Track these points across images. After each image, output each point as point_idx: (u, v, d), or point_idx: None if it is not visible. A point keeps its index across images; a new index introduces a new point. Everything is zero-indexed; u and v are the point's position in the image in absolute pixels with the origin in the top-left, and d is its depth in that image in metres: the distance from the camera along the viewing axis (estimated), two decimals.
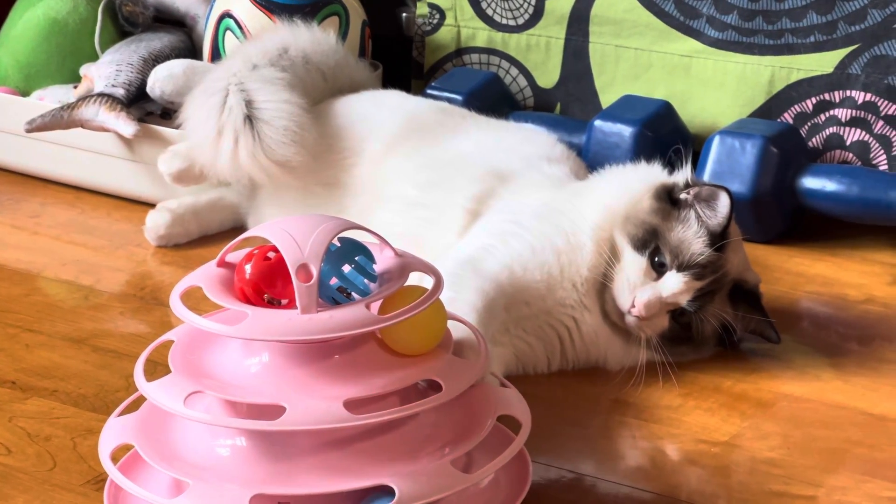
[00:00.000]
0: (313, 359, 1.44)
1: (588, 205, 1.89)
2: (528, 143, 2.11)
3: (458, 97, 2.45)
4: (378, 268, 1.50)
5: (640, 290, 1.79)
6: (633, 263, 1.81)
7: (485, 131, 2.15)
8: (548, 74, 2.54)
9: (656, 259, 1.80)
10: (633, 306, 1.79)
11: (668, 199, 1.84)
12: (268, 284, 1.45)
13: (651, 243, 1.80)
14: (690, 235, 1.80)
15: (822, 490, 1.61)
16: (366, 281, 1.48)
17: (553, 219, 1.87)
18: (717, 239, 1.80)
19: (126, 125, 2.34)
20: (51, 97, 2.52)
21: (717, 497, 1.59)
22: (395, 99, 2.27)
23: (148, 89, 2.39)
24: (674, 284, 1.79)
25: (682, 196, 1.83)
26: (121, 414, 1.57)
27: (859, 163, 2.31)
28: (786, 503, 1.58)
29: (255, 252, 1.47)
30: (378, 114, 2.18)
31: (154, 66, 2.43)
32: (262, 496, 1.40)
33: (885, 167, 2.29)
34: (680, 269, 1.79)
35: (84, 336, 1.98)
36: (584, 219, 1.86)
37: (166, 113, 2.42)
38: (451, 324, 1.55)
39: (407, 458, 1.44)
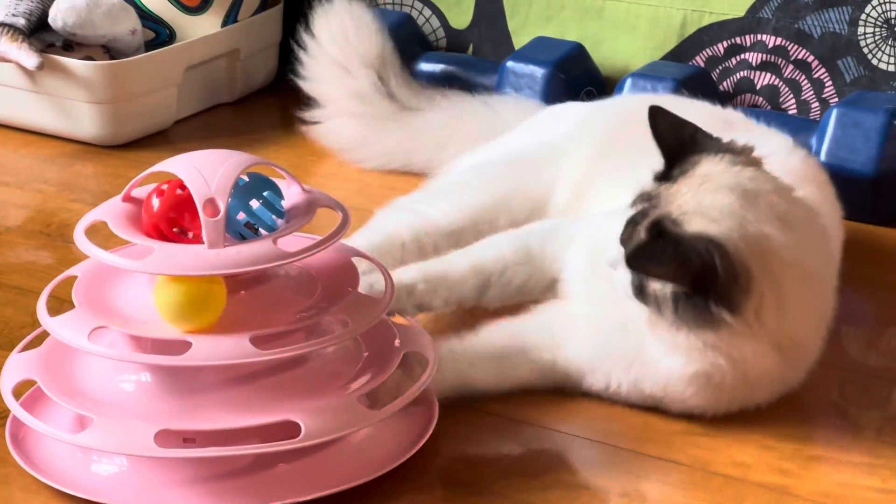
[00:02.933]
0: None
1: None
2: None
3: None
4: (286, 203, 1.48)
5: None
6: None
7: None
8: (461, 15, 2.53)
9: None
10: None
11: None
12: (178, 216, 1.43)
13: None
14: None
15: None
16: (273, 217, 1.47)
17: None
18: None
19: (29, 56, 2.31)
20: None
21: None
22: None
23: (50, 20, 2.35)
24: None
25: None
26: (23, 349, 1.55)
27: (769, 106, 2.32)
28: None
29: (164, 187, 1.45)
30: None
31: None
32: (168, 432, 1.39)
33: (795, 111, 2.31)
34: None
35: None
36: None
37: (68, 45, 2.38)
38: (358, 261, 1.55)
39: (313, 395, 1.44)
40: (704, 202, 1.51)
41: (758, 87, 2.33)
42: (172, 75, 2.43)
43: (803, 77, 2.30)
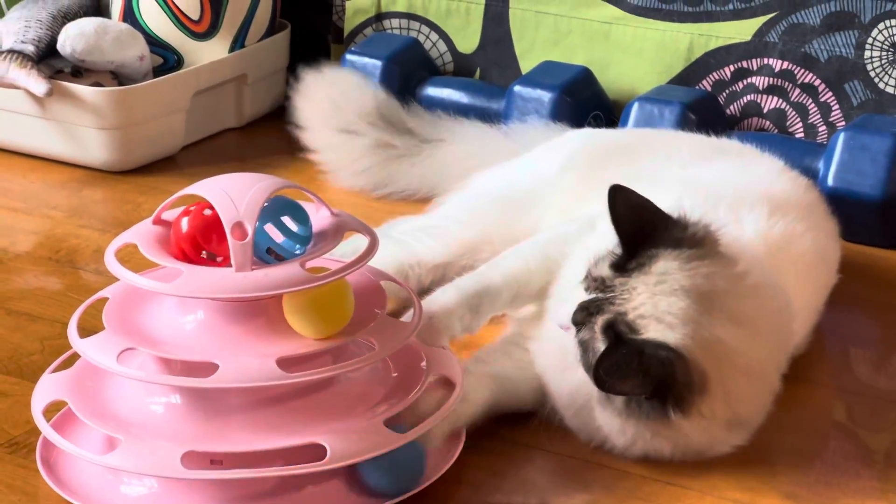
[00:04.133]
0: (247, 316, 1.44)
1: None
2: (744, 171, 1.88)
3: (378, 62, 2.45)
4: (315, 227, 1.49)
5: None
6: None
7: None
8: (467, 40, 2.54)
9: None
10: None
11: None
12: (204, 239, 1.44)
13: None
14: None
15: None
16: (293, 242, 1.47)
17: None
18: None
19: (38, 83, 2.31)
20: None
21: None
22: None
23: (59, 47, 2.36)
24: None
25: None
26: (55, 370, 1.56)
27: (776, 130, 2.33)
28: None
29: (192, 208, 1.45)
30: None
31: (63, 23, 2.40)
32: (194, 453, 1.39)
33: (802, 135, 2.32)
34: None
35: None
36: None
37: (76, 71, 2.39)
38: (386, 285, 1.56)
39: (339, 417, 1.44)
40: (661, 306, 1.51)
41: (765, 110, 2.34)
42: (180, 101, 2.43)
43: (810, 101, 2.31)
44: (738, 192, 1.76)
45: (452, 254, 1.88)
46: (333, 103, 2.31)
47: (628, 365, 1.49)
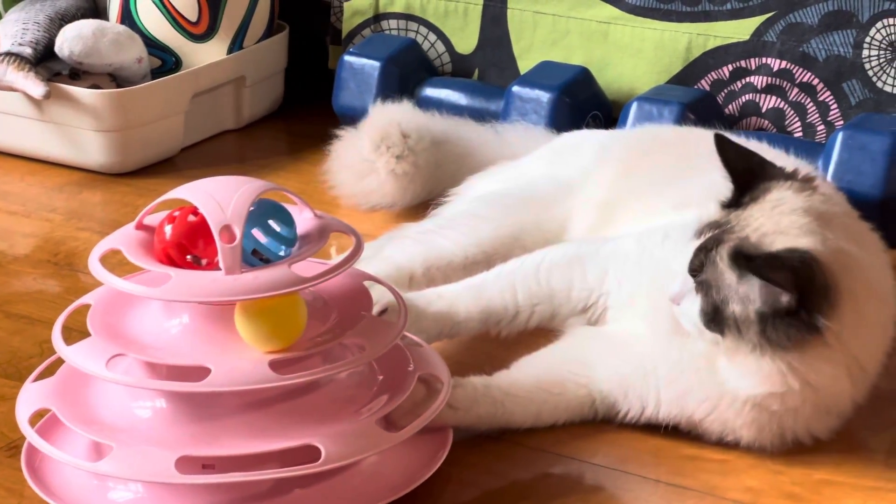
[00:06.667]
0: (234, 320, 1.43)
1: None
2: None
3: (377, 63, 2.45)
4: (299, 229, 1.49)
5: None
6: None
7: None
8: (466, 40, 2.54)
9: None
10: None
11: None
12: (191, 243, 1.44)
13: None
14: None
15: None
16: (280, 244, 1.47)
17: None
18: None
19: (36, 85, 2.31)
20: None
21: None
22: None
23: (56, 49, 2.36)
24: None
25: None
26: (36, 379, 1.55)
27: (775, 130, 2.33)
28: None
29: (176, 214, 1.45)
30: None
31: (60, 25, 2.40)
32: (188, 458, 1.39)
33: (800, 134, 2.32)
34: None
35: None
36: None
37: (74, 73, 2.39)
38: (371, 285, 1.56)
39: (330, 418, 1.44)
40: (783, 223, 1.52)
41: (763, 110, 2.33)
42: (179, 103, 2.43)
43: (808, 100, 2.30)
44: None
45: (482, 252, 1.85)
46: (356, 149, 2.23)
47: (772, 263, 1.49)
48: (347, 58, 2.48)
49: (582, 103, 2.35)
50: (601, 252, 1.72)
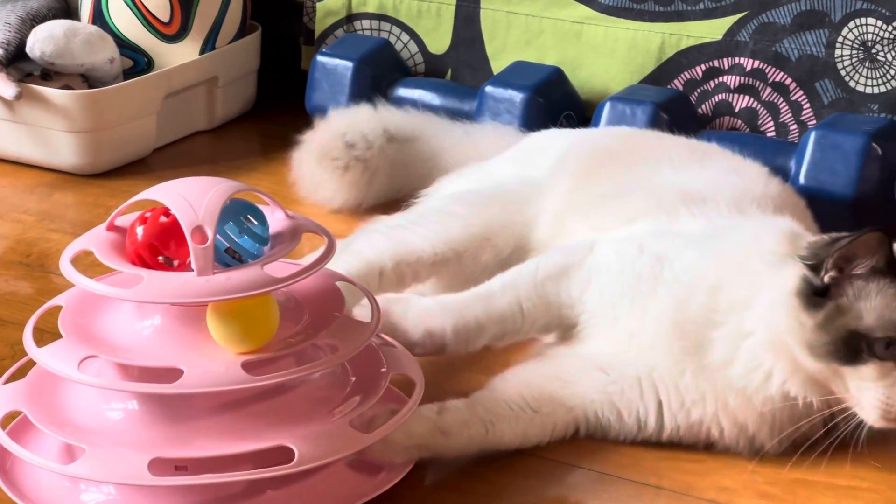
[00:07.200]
0: (205, 321, 1.43)
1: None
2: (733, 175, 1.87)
3: (350, 63, 2.44)
4: (271, 229, 1.48)
5: None
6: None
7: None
8: (439, 41, 2.53)
9: None
10: None
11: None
12: (163, 244, 1.43)
13: None
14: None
15: None
16: (255, 243, 1.47)
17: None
18: None
19: (6, 87, 2.30)
20: None
21: None
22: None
23: (28, 50, 2.35)
24: None
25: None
26: (8, 381, 1.54)
27: (748, 129, 2.33)
28: None
29: (148, 215, 1.45)
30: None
31: (31, 26, 2.39)
32: (160, 460, 1.39)
33: (773, 133, 2.32)
34: None
35: None
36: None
37: (46, 74, 2.38)
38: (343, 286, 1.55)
39: (304, 420, 1.44)
40: None
41: (736, 109, 2.34)
42: (151, 103, 2.43)
43: (781, 100, 2.31)
44: (735, 194, 1.77)
45: (451, 249, 1.83)
46: (323, 151, 2.24)
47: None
48: (320, 58, 2.47)
49: (555, 103, 2.35)
50: (584, 265, 1.70)
